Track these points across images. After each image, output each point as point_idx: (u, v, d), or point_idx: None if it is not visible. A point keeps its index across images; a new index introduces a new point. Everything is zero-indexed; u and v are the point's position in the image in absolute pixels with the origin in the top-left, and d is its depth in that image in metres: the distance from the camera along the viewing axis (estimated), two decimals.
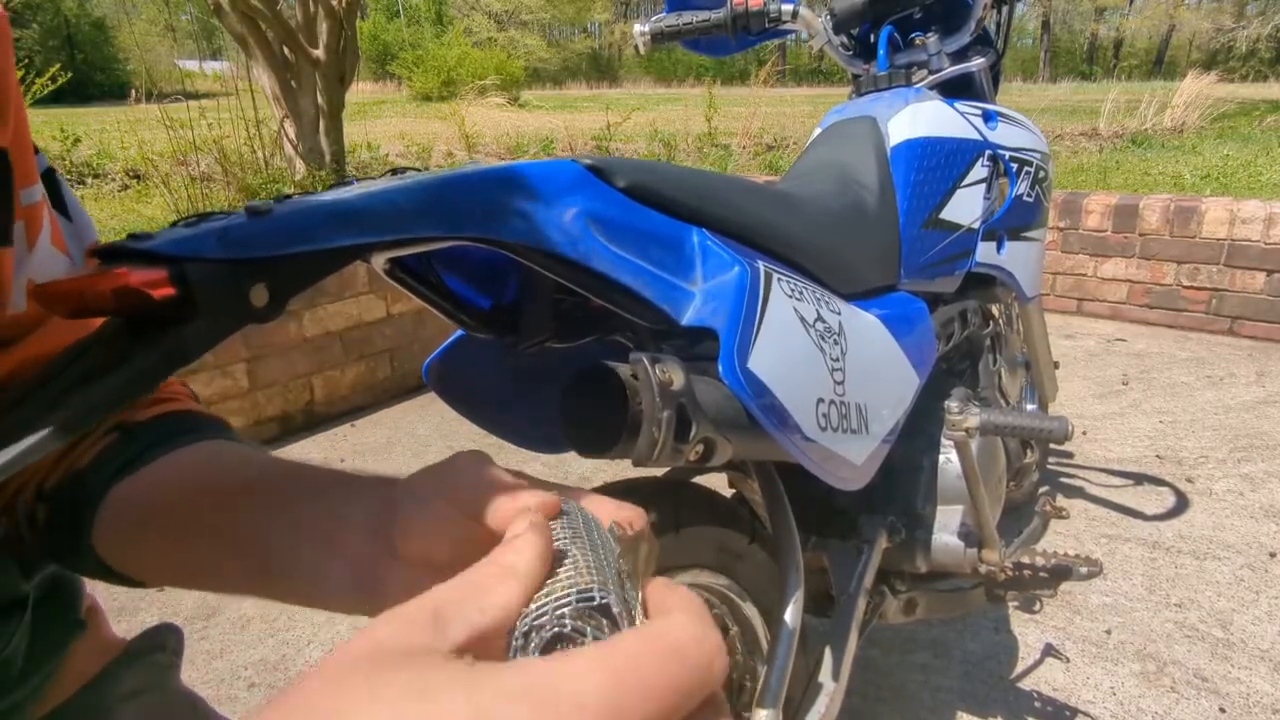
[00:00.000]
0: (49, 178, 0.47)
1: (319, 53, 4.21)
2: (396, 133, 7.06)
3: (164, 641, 0.53)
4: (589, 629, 0.24)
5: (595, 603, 0.24)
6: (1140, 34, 37.65)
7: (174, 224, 0.35)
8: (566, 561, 0.27)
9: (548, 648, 0.23)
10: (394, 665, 0.21)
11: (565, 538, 0.28)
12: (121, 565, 0.43)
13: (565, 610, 0.24)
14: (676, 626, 0.23)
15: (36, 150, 0.47)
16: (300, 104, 4.30)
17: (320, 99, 4.35)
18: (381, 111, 12.26)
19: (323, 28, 4.21)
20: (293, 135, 4.35)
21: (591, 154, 5.95)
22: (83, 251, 0.48)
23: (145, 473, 0.43)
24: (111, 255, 0.33)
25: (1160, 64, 33.01)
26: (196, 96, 5.02)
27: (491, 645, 0.23)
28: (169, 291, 0.31)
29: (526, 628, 0.24)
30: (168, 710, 0.58)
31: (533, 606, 0.24)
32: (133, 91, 4.86)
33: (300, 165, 4.36)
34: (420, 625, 0.22)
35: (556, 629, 0.23)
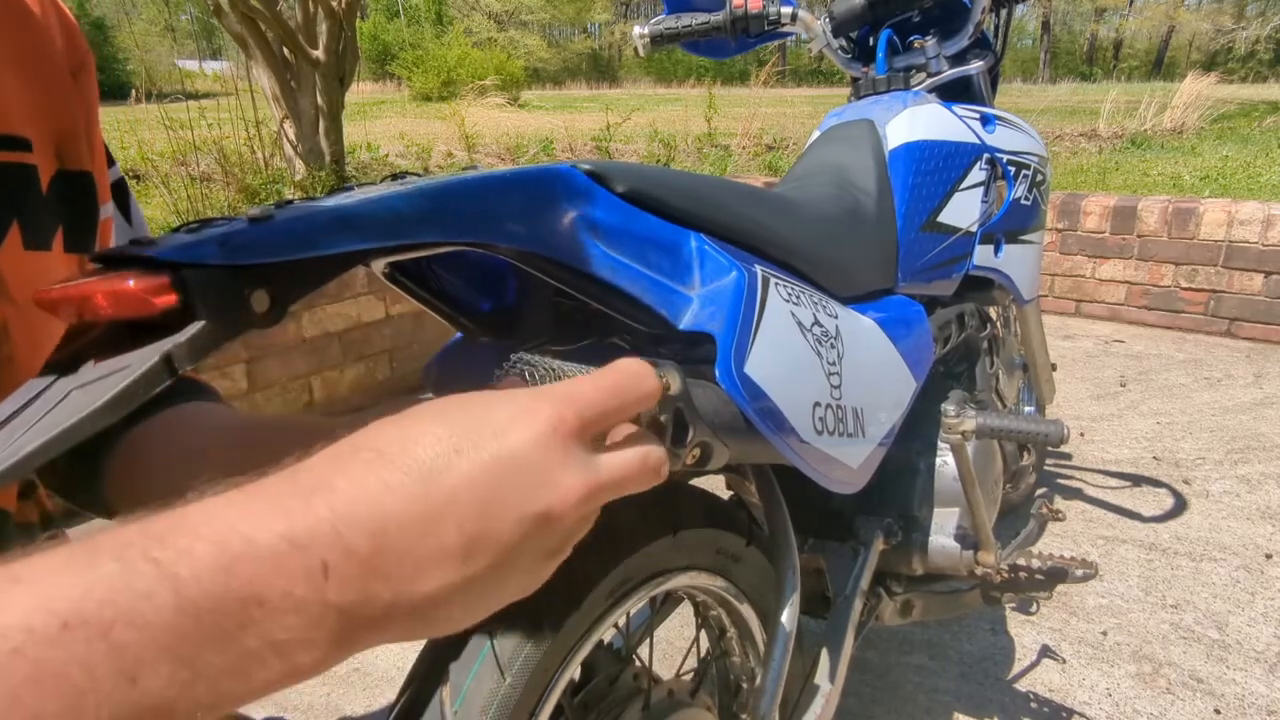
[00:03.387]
0: (120, 187, 0.55)
1: (319, 53, 4.21)
2: (396, 133, 7.06)
3: None
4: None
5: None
6: (1140, 35, 37.69)
7: (175, 230, 0.36)
8: None
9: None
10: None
11: None
12: (127, 506, 0.47)
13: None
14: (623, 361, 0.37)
15: (112, 161, 0.55)
16: (300, 104, 4.30)
17: (320, 99, 4.35)
18: (381, 112, 12.25)
19: (322, 28, 4.21)
20: (292, 136, 4.36)
21: (591, 156, 5.95)
22: None
23: (155, 421, 0.48)
24: (113, 261, 0.33)
25: (1160, 65, 33.02)
26: (196, 96, 5.02)
27: None
28: (170, 298, 0.32)
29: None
30: None
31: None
32: (134, 92, 4.86)
33: (300, 166, 4.37)
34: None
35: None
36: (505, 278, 0.61)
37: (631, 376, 0.35)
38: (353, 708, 1.33)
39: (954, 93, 1.25)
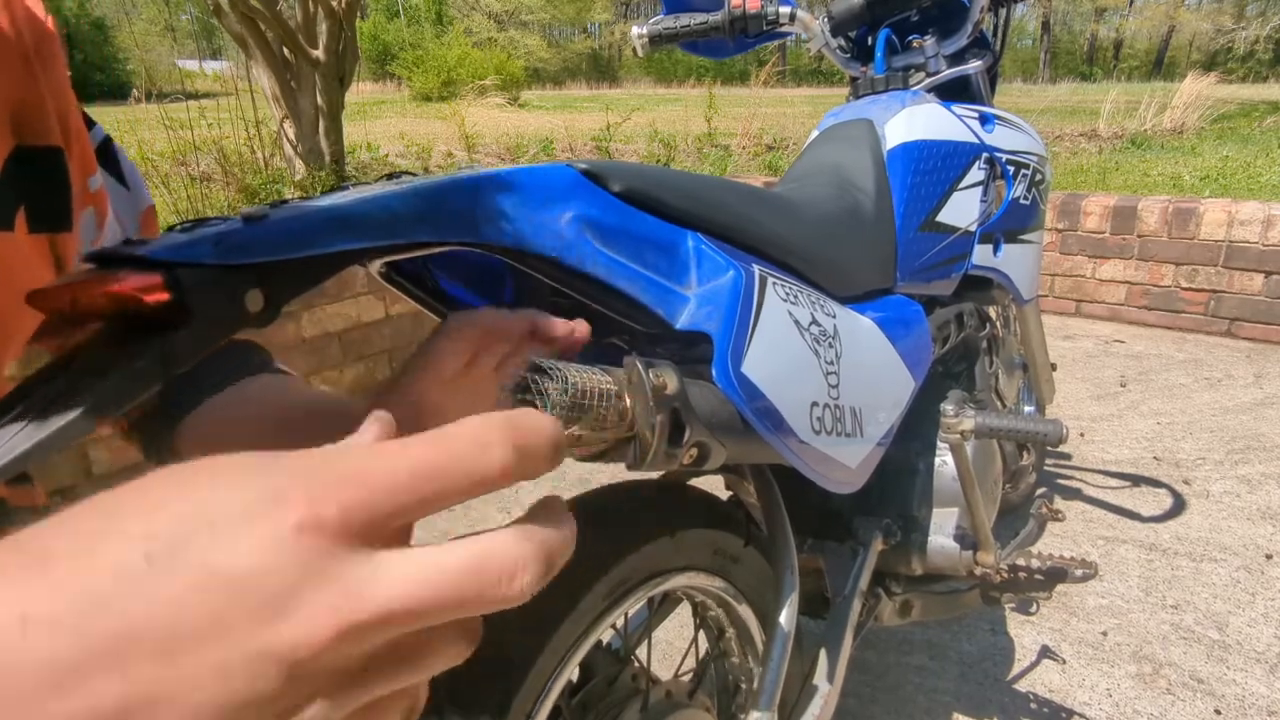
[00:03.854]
0: (106, 148, 0.52)
1: (319, 53, 4.21)
2: (396, 133, 7.06)
3: None
4: None
5: None
6: (1140, 35, 37.69)
7: (170, 229, 0.36)
8: None
9: None
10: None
11: None
12: None
13: None
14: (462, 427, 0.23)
15: (92, 124, 0.51)
16: (300, 104, 4.30)
17: (320, 99, 4.35)
18: (381, 112, 12.25)
19: (322, 28, 4.21)
20: (292, 136, 4.35)
21: (591, 155, 5.95)
22: (137, 219, 0.54)
23: (221, 399, 0.48)
24: (107, 260, 0.33)
25: (1160, 65, 33.02)
26: (196, 96, 5.02)
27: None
28: (163, 297, 0.32)
29: None
30: None
31: None
32: (134, 92, 4.86)
33: (300, 166, 4.36)
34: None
35: None
36: (502, 277, 0.60)
37: (468, 447, 0.22)
38: None
39: (953, 92, 1.25)
